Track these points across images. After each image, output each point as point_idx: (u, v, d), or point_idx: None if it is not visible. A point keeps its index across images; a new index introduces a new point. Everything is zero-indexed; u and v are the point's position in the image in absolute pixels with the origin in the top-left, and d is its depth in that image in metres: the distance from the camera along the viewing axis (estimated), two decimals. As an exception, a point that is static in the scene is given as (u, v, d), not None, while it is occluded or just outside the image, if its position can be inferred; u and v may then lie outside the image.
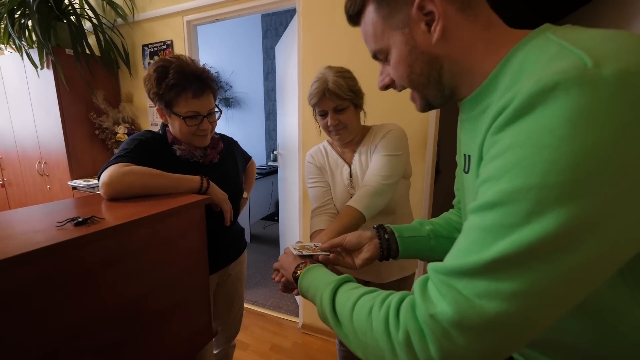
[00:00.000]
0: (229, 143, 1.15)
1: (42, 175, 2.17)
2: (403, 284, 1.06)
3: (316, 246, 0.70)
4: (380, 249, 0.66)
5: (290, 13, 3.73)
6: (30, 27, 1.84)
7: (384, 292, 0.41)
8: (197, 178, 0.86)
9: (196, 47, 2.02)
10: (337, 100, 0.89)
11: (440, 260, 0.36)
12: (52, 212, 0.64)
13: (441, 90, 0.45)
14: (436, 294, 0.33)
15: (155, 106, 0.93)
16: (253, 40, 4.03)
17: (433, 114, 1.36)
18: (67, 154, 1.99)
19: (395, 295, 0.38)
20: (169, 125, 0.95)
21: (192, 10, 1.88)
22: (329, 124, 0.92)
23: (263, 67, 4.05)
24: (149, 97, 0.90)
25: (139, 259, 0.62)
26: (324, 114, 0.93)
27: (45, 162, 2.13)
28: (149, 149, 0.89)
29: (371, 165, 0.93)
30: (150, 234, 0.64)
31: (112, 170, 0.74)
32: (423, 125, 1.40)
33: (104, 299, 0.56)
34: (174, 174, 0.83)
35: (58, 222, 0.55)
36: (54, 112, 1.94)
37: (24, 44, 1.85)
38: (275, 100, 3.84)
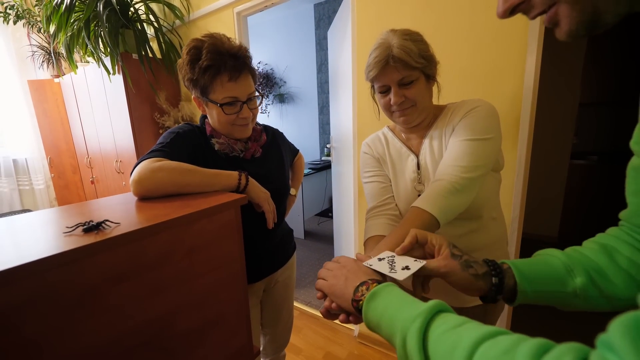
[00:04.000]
0: (274, 135, 1.03)
1: (118, 172, 2.39)
2: (490, 310, 0.81)
3: (392, 257, 0.49)
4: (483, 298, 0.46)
5: (343, -1, 3.54)
6: (102, 37, 1.99)
7: (524, 339, 0.25)
8: (234, 174, 0.75)
9: (247, 39, 1.97)
10: (404, 71, 0.67)
11: None
12: (75, 214, 0.57)
13: None
14: None
15: (192, 95, 0.84)
16: (306, 32, 3.94)
17: (530, 85, 1.04)
18: (136, 152, 2.13)
19: (561, 348, 0.22)
20: (207, 115, 0.86)
21: (241, 1, 1.82)
22: (392, 102, 0.71)
23: (316, 59, 3.94)
24: (185, 86, 0.82)
25: (159, 271, 0.52)
26: (385, 90, 0.72)
27: (120, 161, 2.33)
28: (187, 143, 0.80)
29: (447, 152, 0.70)
30: (173, 242, 0.53)
31: (142, 167, 0.67)
32: (515, 104, 1.08)
33: (117, 320, 0.47)
34: (210, 169, 0.73)
35: (67, 227, 0.47)
36: (125, 114, 2.10)
37: (101, 52, 2.03)
38: (328, 93, 3.71)
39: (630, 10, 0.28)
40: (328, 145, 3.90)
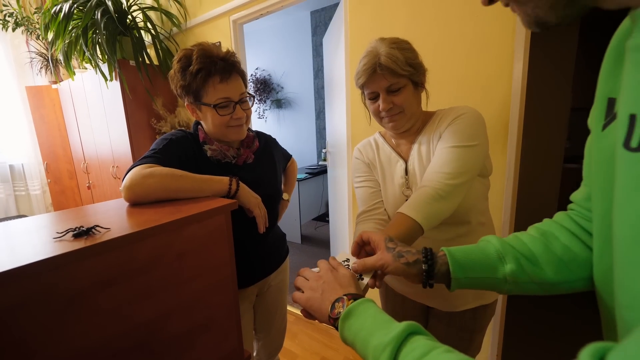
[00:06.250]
0: (266, 141, 1.04)
1: (115, 178, 2.40)
2: (480, 314, 0.82)
3: (347, 261, 0.56)
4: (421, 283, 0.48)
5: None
6: (100, 44, 2.02)
7: None
8: (225, 179, 0.76)
9: (242, 46, 2.00)
10: (392, 78, 0.69)
11: None
12: (67, 219, 0.58)
13: None
14: None
15: (185, 103, 0.86)
16: (303, 39, 3.99)
17: (517, 91, 1.06)
18: (132, 158, 2.14)
19: None
20: (202, 121, 0.88)
21: (237, 9, 1.85)
22: (380, 108, 0.73)
23: (313, 65, 3.98)
24: (177, 94, 0.84)
25: (149, 275, 0.52)
26: (374, 97, 0.74)
27: (117, 166, 2.34)
28: (179, 149, 0.82)
29: (433, 159, 0.71)
30: (162, 247, 0.54)
31: (133, 173, 0.68)
32: (504, 109, 1.10)
33: (107, 323, 0.47)
34: (201, 175, 0.74)
35: (58, 232, 0.48)
36: (121, 120, 2.11)
37: (98, 59, 2.05)
38: (324, 98, 3.75)
39: (580, 10, 0.29)
40: (324, 150, 3.93)
